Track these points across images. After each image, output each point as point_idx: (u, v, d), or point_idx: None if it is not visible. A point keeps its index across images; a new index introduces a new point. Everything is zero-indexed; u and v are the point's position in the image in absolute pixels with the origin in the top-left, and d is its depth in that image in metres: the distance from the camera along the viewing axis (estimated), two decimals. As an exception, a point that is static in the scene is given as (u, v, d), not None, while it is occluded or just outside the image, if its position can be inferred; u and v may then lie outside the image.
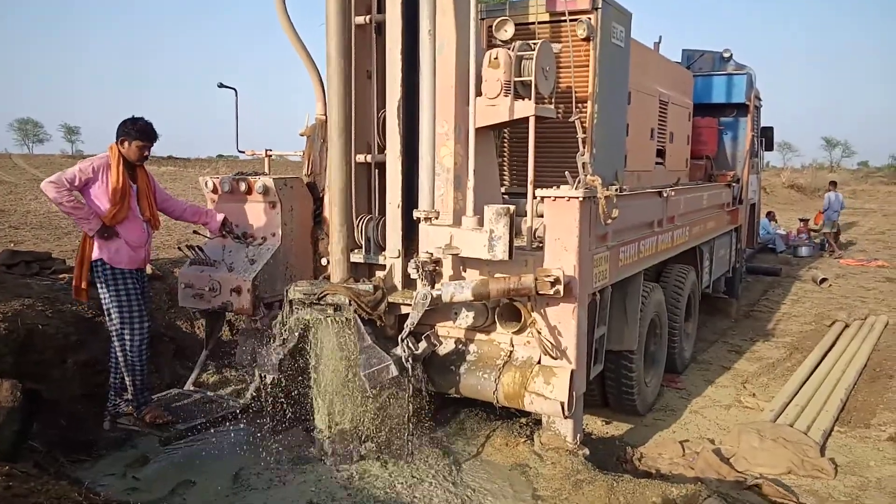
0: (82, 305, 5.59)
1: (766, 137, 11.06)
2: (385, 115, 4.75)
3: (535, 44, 4.45)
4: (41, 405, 4.63)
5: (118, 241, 4.53)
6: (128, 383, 4.61)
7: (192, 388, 5.26)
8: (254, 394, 4.94)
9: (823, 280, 12.20)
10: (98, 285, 4.57)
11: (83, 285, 4.55)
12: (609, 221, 4.27)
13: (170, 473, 4.52)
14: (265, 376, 4.58)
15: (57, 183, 4.32)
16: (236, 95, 5.66)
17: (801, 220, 18.21)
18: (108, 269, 4.50)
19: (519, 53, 4.43)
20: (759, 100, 10.17)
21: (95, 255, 4.51)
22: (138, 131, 4.54)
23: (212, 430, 4.81)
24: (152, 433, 4.59)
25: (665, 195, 5.89)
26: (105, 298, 4.57)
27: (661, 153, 7.07)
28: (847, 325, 8.69)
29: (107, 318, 4.61)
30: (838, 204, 17.31)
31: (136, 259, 4.63)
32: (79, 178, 4.41)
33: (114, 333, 4.58)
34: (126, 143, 4.53)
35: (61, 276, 6.83)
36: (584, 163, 4.22)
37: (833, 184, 18.52)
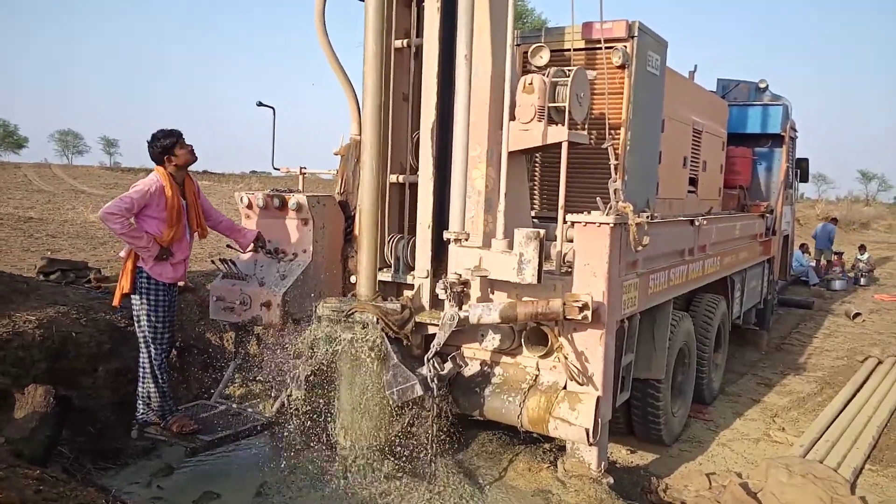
0: (116, 315, 5.69)
1: (801, 169, 10.95)
2: (419, 137, 4.80)
3: (569, 70, 4.48)
4: (72, 412, 4.71)
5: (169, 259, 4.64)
6: (152, 391, 4.67)
7: (218, 401, 5.31)
8: (279, 408, 4.98)
9: (857, 315, 11.99)
10: (133, 291, 4.64)
11: (126, 290, 4.58)
12: (639, 248, 4.25)
13: (194, 484, 4.57)
14: (291, 391, 4.62)
15: (117, 214, 4.34)
16: (274, 114, 5.77)
17: (835, 253, 17.95)
18: (145, 277, 4.58)
19: (554, 79, 4.46)
20: (795, 131, 10.07)
21: (139, 264, 4.58)
22: (175, 135, 4.62)
23: (237, 443, 4.86)
24: (178, 443, 4.63)
25: (697, 224, 5.85)
26: (136, 305, 4.64)
27: (693, 182, 7.03)
28: (880, 362, 8.49)
29: (136, 325, 4.69)
30: (825, 234, 18.15)
31: (177, 275, 4.72)
32: (137, 205, 4.46)
33: (141, 340, 4.65)
34: (177, 151, 4.61)
35: (97, 284, 6.96)
36: (615, 189, 4.21)
37: (834, 220, 20.17)
